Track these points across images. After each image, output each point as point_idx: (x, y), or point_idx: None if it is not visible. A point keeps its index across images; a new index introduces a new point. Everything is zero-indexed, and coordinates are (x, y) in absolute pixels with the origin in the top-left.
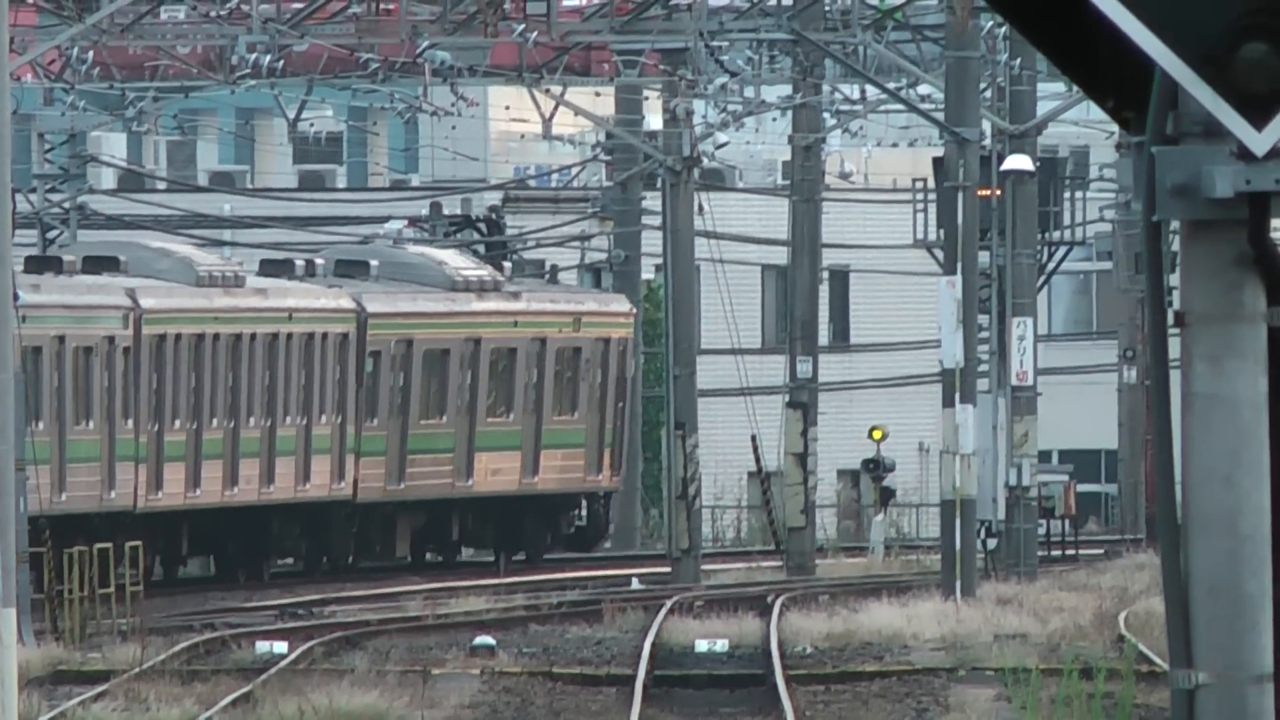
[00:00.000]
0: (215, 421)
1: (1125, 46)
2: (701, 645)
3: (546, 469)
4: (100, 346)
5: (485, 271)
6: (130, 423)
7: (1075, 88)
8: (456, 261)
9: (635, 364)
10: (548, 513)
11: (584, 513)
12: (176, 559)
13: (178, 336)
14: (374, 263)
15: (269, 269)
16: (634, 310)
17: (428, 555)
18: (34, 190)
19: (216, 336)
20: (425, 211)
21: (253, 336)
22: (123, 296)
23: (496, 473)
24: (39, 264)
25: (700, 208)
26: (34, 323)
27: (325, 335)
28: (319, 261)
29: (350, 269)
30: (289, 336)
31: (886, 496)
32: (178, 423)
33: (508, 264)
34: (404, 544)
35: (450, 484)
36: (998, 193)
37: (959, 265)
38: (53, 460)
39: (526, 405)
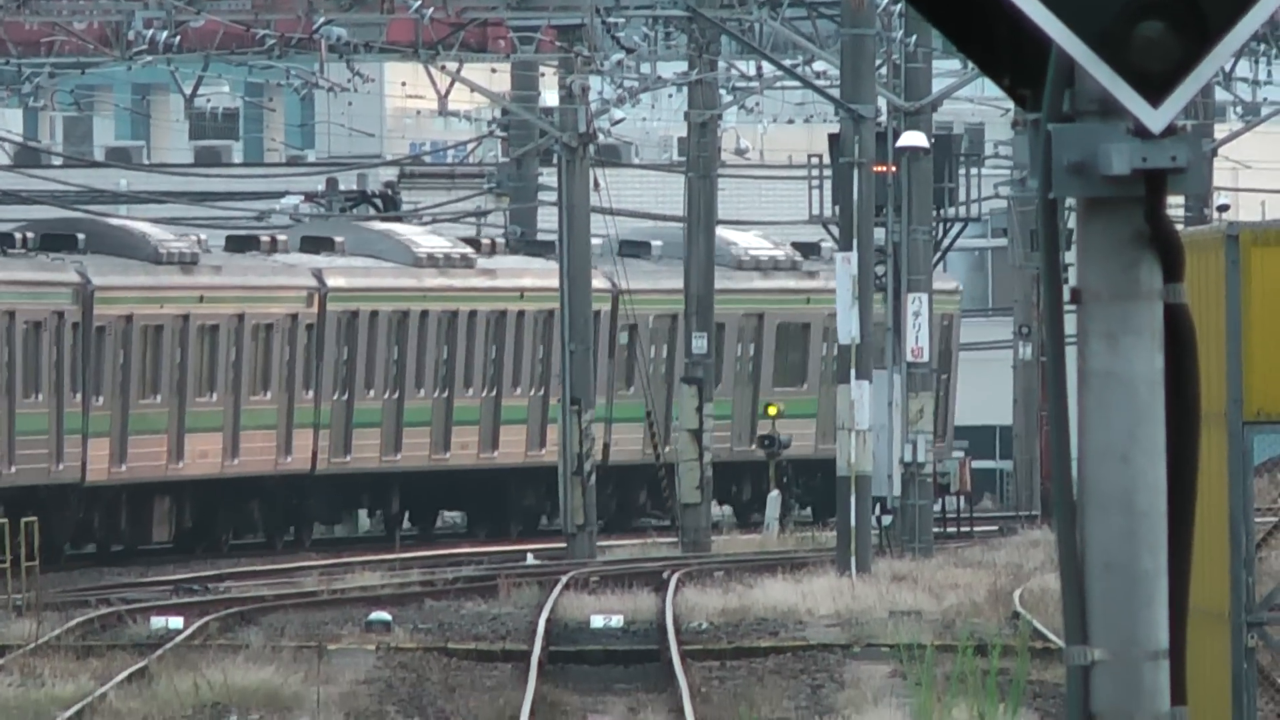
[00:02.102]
0: (423, 391)
1: (1022, 24)
2: (597, 621)
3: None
4: (281, 323)
5: (781, 252)
6: (310, 393)
7: (971, 65)
8: (746, 242)
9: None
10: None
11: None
12: (384, 516)
13: (373, 313)
14: (656, 243)
15: (531, 249)
16: (959, 287)
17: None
18: None
19: (425, 313)
20: (321, 187)
21: (472, 313)
22: (309, 277)
23: (789, 438)
24: (240, 243)
25: (596, 184)
26: (211, 302)
27: None
28: (596, 241)
29: (634, 249)
30: (520, 314)
31: (780, 473)
32: (371, 392)
33: (829, 244)
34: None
35: (729, 448)
36: (893, 169)
37: (855, 241)
38: (225, 427)
39: (824, 377)
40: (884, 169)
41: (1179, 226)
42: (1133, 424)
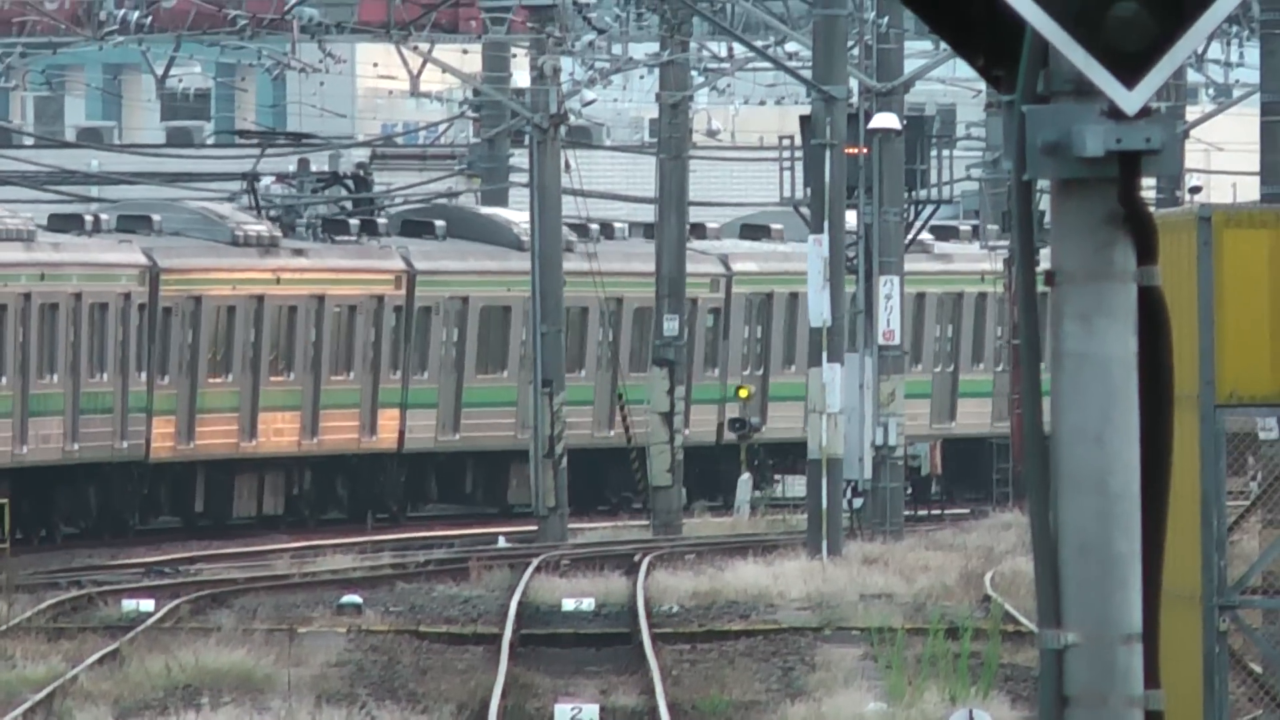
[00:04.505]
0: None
1: (996, 4)
2: (568, 604)
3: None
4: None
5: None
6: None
7: (943, 45)
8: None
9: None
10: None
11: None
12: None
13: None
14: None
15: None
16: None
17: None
18: None
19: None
20: (293, 168)
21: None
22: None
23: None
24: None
25: (567, 165)
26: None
27: None
28: None
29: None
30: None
31: (751, 455)
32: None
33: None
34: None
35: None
36: (865, 151)
37: (826, 223)
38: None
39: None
40: (856, 150)
41: (1151, 208)
42: (1106, 405)
